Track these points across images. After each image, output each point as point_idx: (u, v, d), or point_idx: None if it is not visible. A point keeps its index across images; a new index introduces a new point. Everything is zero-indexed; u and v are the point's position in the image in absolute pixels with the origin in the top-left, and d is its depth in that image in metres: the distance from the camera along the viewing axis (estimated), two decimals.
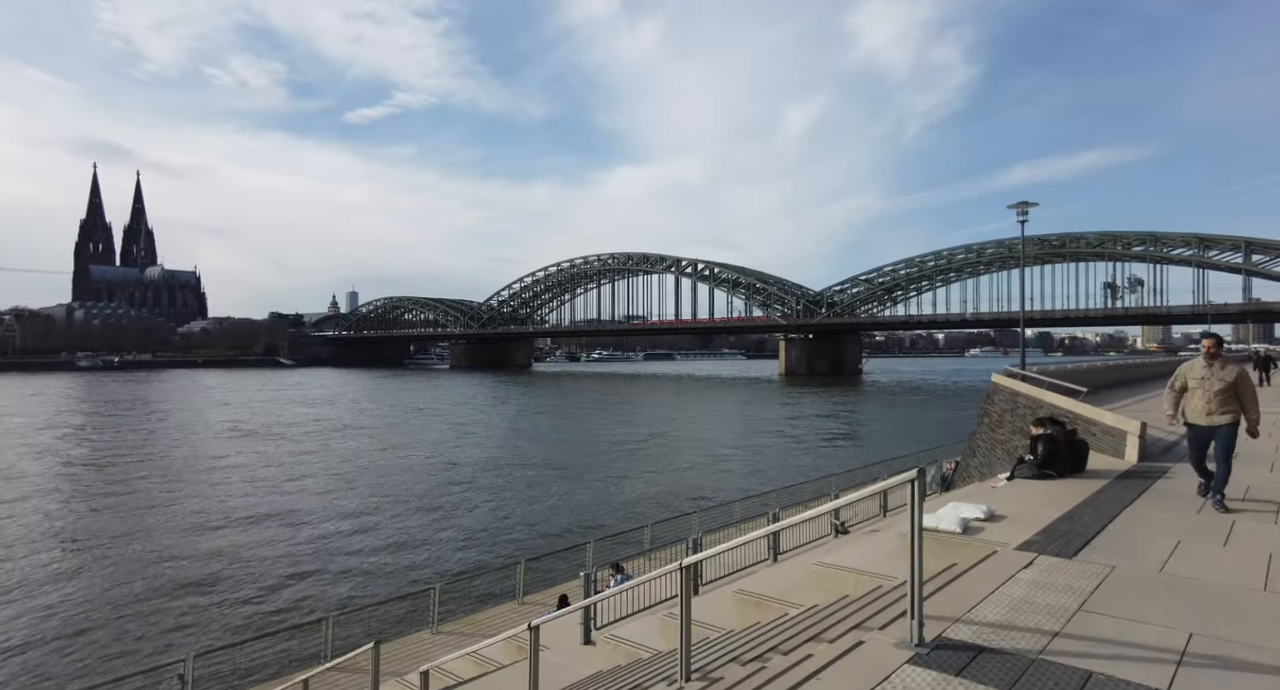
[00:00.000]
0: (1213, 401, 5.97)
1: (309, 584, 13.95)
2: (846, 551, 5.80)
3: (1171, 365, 44.95)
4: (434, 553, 16.01)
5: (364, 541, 16.79)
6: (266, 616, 12.15)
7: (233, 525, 18.50)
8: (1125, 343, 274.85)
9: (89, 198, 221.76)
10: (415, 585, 12.75)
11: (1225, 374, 6.00)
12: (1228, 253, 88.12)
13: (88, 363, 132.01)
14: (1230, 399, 5.97)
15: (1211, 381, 6.02)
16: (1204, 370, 6.06)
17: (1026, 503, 6.31)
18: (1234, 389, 5.98)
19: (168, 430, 42.42)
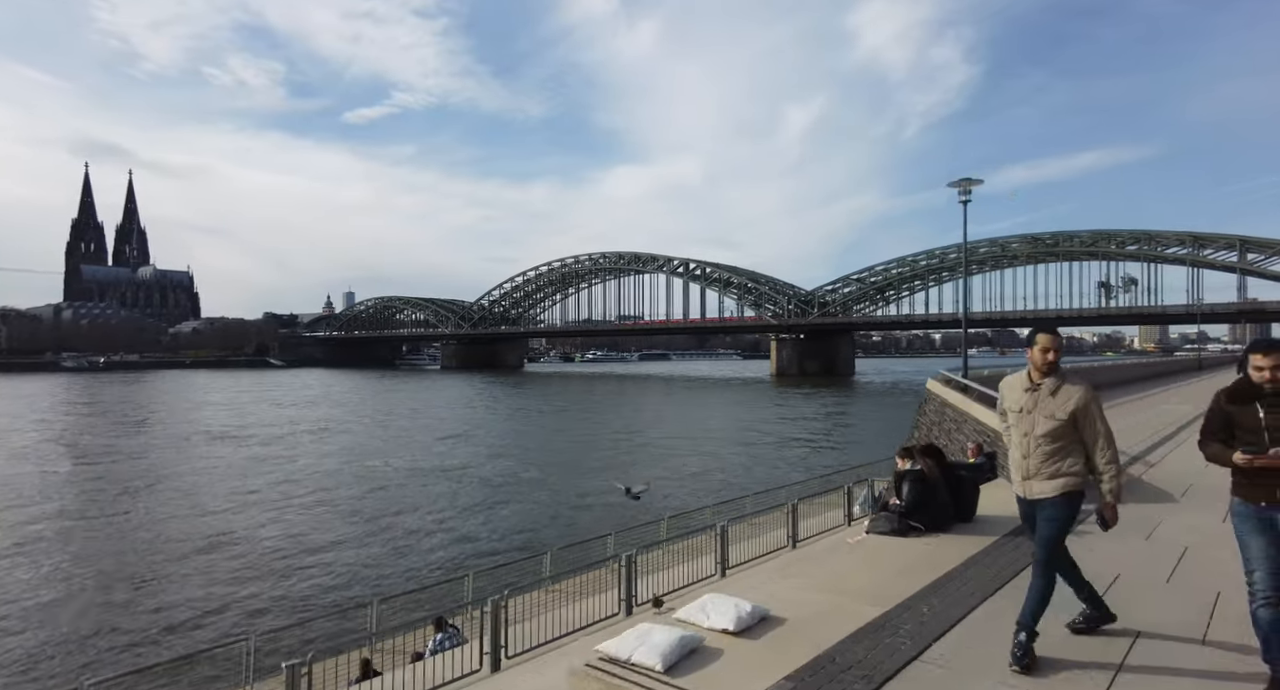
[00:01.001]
0: (1033, 455, 3.50)
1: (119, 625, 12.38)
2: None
3: (1159, 367, 43.82)
4: (317, 583, 14.56)
5: (245, 571, 15.23)
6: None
7: (126, 550, 17.19)
8: (1122, 343, 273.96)
9: (80, 197, 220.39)
10: (235, 630, 10.73)
11: (1059, 403, 3.46)
12: (1222, 251, 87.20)
13: (73, 363, 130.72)
14: (1065, 451, 3.46)
15: (1034, 417, 3.50)
16: (1025, 397, 3.56)
17: (849, 582, 4.71)
18: (1073, 431, 3.46)
19: (128, 434, 41.33)
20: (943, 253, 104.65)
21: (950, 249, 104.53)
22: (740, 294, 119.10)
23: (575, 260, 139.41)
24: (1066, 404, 3.48)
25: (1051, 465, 3.50)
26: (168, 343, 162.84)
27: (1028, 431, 3.53)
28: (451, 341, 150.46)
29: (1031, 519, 3.61)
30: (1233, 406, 3.12)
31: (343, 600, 12.11)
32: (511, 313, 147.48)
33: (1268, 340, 3.03)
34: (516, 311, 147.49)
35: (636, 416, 51.95)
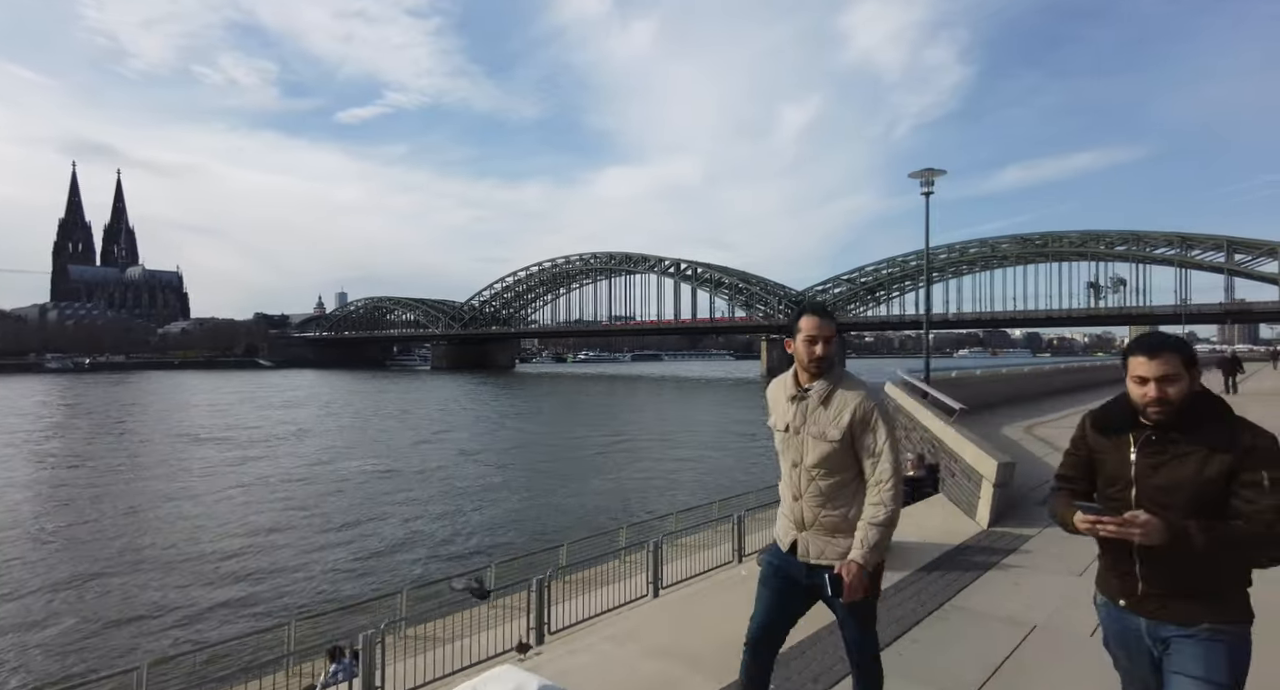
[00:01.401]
0: (805, 495, 2.46)
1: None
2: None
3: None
4: (242, 597, 13.97)
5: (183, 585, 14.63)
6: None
7: (48, 563, 16.55)
8: (1113, 343, 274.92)
9: (68, 196, 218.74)
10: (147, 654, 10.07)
11: (832, 417, 2.40)
12: (1210, 252, 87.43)
13: (57, 364, 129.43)
14: (852, 492, 2.43)
15: (803, 438, 2.45)
16: (792, 410, 2.49)
17: (701, 639, 3.89)
18: (857, 458, 2.42)
19: (94, 438, 40.70)
20: (932, 254, 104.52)
21: (940, 250, 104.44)
22: (731, 294, 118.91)
23: (566, 260, 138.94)
24: (841, 416, 2.37)
25: (832, 512, 2.41)
26: (156, 343, 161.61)
27: (797, 460, 2.46)
28: (442, 342, 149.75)
29: (809, 592, 2.48)
30: (1099, 438, 2.04)
31: (263, 617, 11.58)
32: (502, 313, 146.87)
33: (1157, 338, 1.96)
34: (507, 312, 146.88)
35: (620, 418, 51.54)
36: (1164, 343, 1.91)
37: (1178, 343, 1.92)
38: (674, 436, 39.03)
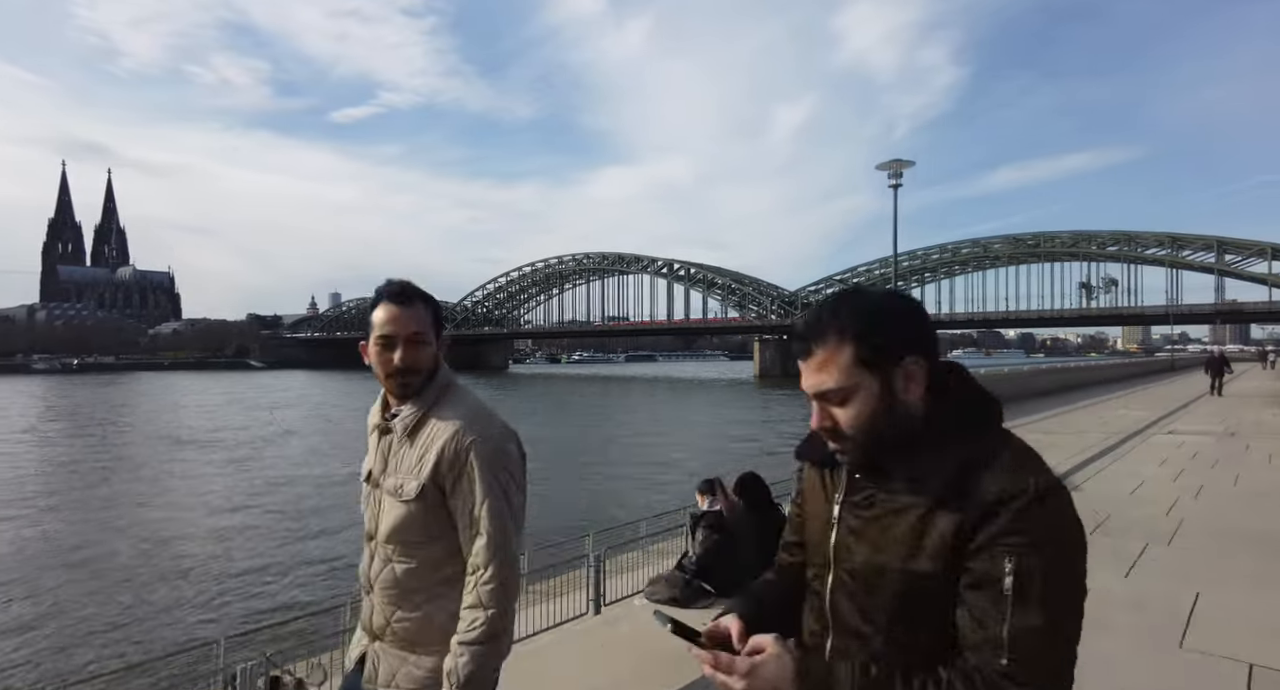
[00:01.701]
0: (376, 582, 1.62)
1: None
2: None
3: (1132, 368, 43.50)
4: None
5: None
6: None
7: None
8: (1106, 343, 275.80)
9: (57, 196, 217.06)
10: None
11: (415, 460, 1.57)
12: (1201, 252, 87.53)
13: (45, 365, 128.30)
14: (447, 580, 1.56)
15: (380, 494, 1.63)
16: (374, 446, 1.68)
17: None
18: (436, 521, 1.56)
19: (66, 438, 40.10)
20: (924, 253, 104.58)
21: (932, 250, 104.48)
22: (724, 295, 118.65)
23: (559, 260, 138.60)
24: (425, 458, 1.56)
25: (409, 614, 1.58)
26: (146, 344, 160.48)
27: (371, 531, 1.66)
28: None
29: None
30: (812, 477, 1.22)
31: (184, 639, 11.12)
32: (494, 314, 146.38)
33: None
34: (500, 313, 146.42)
35: (613, 419, 51.09)
36: (808, 334, 1.03)
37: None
38: (658, 441, 38.61)
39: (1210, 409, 16.23)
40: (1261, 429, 11.90)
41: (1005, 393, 18.26)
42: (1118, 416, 14.26)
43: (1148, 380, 32.74)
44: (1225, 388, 20.55)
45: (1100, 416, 14.56)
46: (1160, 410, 15.76)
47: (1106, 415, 14.68)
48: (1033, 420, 12.99)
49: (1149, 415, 14.50)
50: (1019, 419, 12.67)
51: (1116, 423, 12.94)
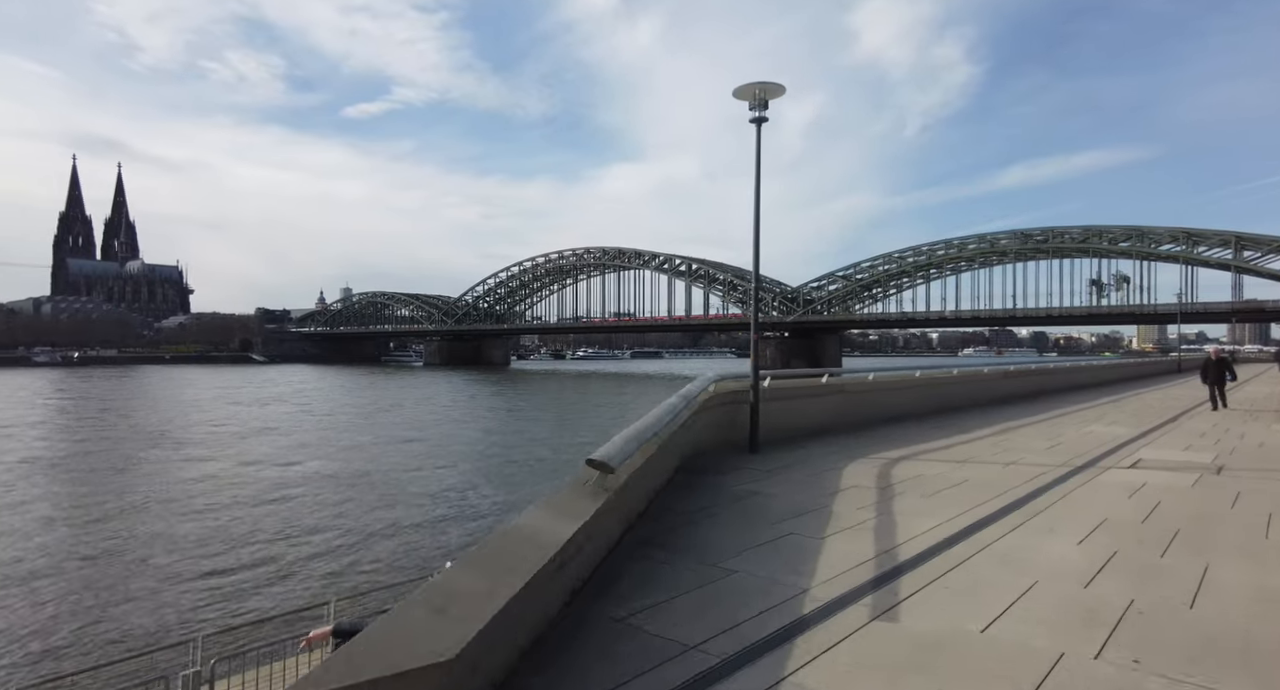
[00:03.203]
0: None
1: None
2: None
3: (1136, 368, 40.85)
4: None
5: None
6: None
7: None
8: (1121, 342, 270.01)
9: (68, 190, 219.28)
10: None
11: None
12: (1217, 249, 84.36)
13: (45, 358, 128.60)
14: None
15: None
16: None
17: None
18: None
19: (38, 433, 39.14)
20: (930, 249, 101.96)
21: (938, 245, 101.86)
22: (725, 290, 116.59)
23: (560, 256, 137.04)
24: None
25: None
26: (152, 337, 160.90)
27: None
28: (435, 338, 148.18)
29: None
30: None
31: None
32: (496, 309, 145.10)
33: None
34: (501, 308, 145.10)
35: (606, 418, 49.52)
36: None
37: None
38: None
39: (1203, 425, 13.42)
40: (1266, 459, 8.85)
41: (944, 401, 15.33)
42: (1082, 435, 11.58)
43: (1147, 383, 30.40)
44: (1230, 394, 17.26)
45: (1058, 434, 11.66)
46: (1141, 425, 13.14)
47: (1069, 432, 12.03)
48: (962, 440, 10.55)
49: (1124, 433, 11.76)
50: (938, 440, 10.32)
51: (1074, 444, 10.30)
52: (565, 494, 3.97)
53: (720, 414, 9.11)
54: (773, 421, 9.82)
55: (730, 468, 7.79)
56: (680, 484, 6.72)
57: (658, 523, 5.24)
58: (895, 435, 10.80)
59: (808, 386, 11.46)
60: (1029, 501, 6.21)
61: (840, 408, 11.74)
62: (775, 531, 5.02)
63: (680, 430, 7.11)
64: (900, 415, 13.06)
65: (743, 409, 9.10)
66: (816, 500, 6.07)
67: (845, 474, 7.43)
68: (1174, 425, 13.35)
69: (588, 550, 3.79)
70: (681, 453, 7.52)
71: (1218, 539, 4.98)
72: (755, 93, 8.43)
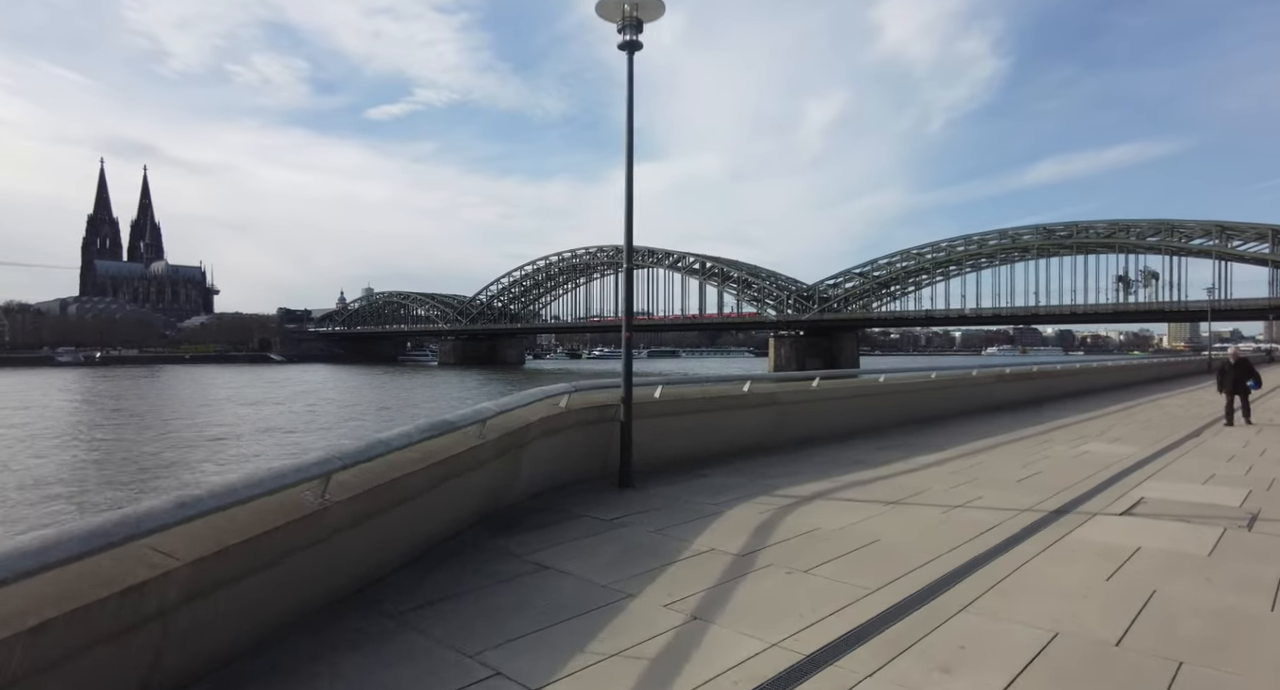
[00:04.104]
0: None
1: None
2: None
3: (1161, 369, 38.07)
4: None
5: None
6: None
7: None
8: (1151, 341, 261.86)
9: (96, 193, 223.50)
10: None
11: None
12: (1252, 243, 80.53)
13: (68, 358, 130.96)
14: None
15: None
16: None
17: None
18: None
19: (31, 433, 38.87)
20: (949, 245, 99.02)
21: (958, 241, 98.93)
22: (740, 289, 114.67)
23: (573, 254, 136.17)
24: None
25: None
26: (173, 337, 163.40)
27: None
28: (450, 337, 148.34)
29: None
30: None
31: None
32: (511, 308, 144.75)
33: None
34: (516, 307, 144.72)
35: None
36: None
37: None
38: None
39: (1233, 444, 10.99)
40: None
41: (914, 411, 12.96)
42: (1074, 457, 9.42)
43: (1171, 386, 27.94)
44: (1256, 406, 14.38)
45: (1044, 456, 9.52)
46: (1153, 442, 10.87)
47: (1058, 452, 9.87)
48: (915, 465, 8.61)
49: (1128, 454, 9.65)
50: (883, 466, 8.50)
51: (1058, 473, 8.14)
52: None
53: (582, 436, 7.26)
54: (670, 444, 8.23)
55: (567, 515, 6.09)
56: (459, 547, 5.10)
57: (326, 631, 3.59)
58: (832, 458, 9.07)
59: (724, 397, 9.60)
60: (943, 591, 4.21)
61: (775, 422, 10.05)
62: (485, 665, 3.30)
63: (494, 464, 5.52)
64: (855, 431, 11.34)
65: (616, 429, 7.35)
66: (627, 581, 4.48)
67: (715, 526, 5.80)
68: (1195, 443, 10.99)
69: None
70: (495, 495, 5.80)
71: (1252, 686, 2.98)
72: (625, 11, 6.66)
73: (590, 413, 7.33)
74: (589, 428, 7.32)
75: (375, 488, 3.98)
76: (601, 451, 7.37)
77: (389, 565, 4.45)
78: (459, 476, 5.00)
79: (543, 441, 6.46)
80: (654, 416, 8.06)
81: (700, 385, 10.26)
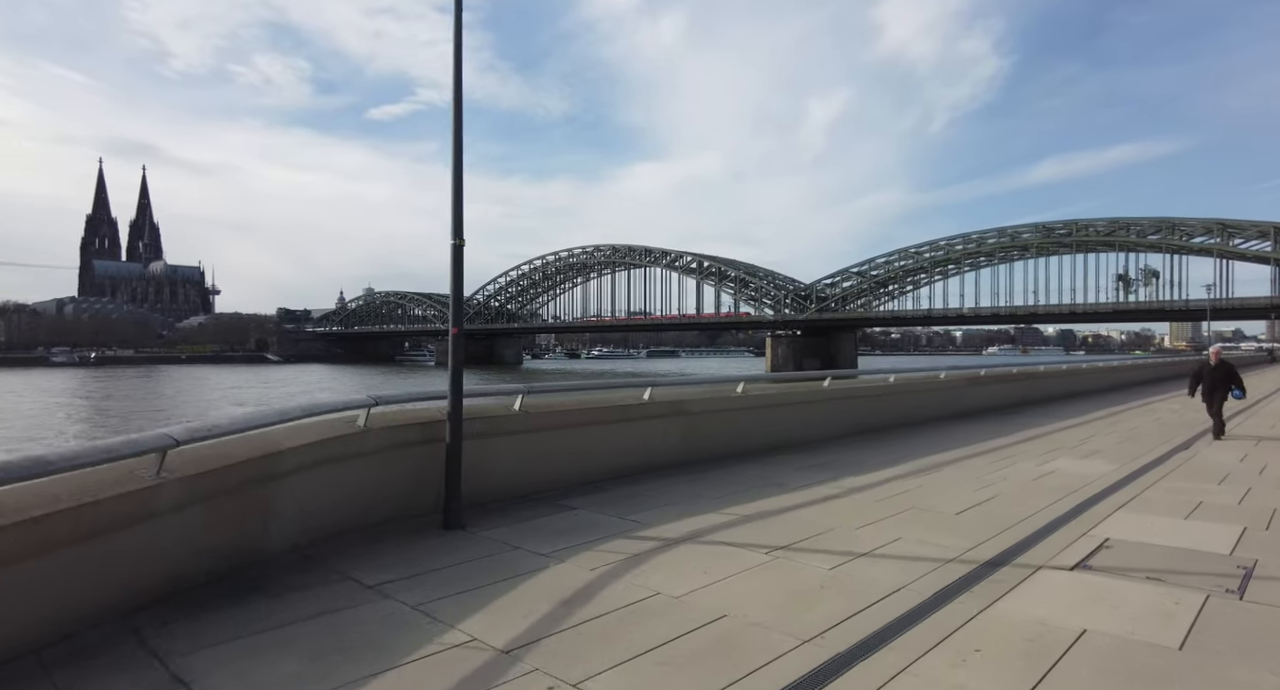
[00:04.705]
0: None
1: None
2: None
3: (1160, 370, 36.78)
4: None
5: None
6: None
7: None
8: (1152, 340, 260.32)
9: (94, 193, 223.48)
10: None
11: None
12: (1254, 240, 79.56)
13: (63, 358, 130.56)
14: None
15: None
16: None
17: None
18: None
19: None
20: (948, 244, 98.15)
21: (955, 240, 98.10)
22: (737, 288, 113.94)
23: (569, 253, 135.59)
24: None
25: None
26: (170, 337, 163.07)
27: None
28: (446, 337, 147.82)
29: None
30: None
31: None
32: (509, 307, 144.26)
33: None
34: (514, 306, 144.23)
35: None
36: None
37: None
38: None
39: (1228, 458, 9.66)
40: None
41: (866, 420, 11.56)
42: (1036, 479, 8.05)
43: (1167, 388, 26.68)
44: (1256, 411, 13.11)
45: (1001, 477, 8.15)
46: (1134, 458, 9.57)
47: (1021, 471, 8.53)
48: (843, 489, 7.34)
49: (1101, 473, 8.40)
50: (800, 489, 7.29)
51: (1011, 502, 6.82)
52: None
53: (398, 462, 5.75)
54: (538, 468, 6.90)
55: (326, 577, 4.49)
56: (82, 649, 3.40)
57: None
58: (742, 482, 7.63)
59: (612, 407, 7.97)
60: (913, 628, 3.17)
61: (682, 436, 8.62)
62: None
63: (184, 512, 4.05)
64: (788, 444, 9.97)
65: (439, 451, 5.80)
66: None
67: (513, 594, 4.24)
68: (1185, 457, 9.63)
69: None
70: (200, 554, 4.24)
71: None
72: None
73: (411, 432, 5.87)
74: (408, 451, 5.84)
75: None
76: (434, 482, 5.85)
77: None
78: (104, 536, 3.56)
79: (320, 472, 5.05)
80: (516, 433, 6.74)
81: (579, 394, 8.75)
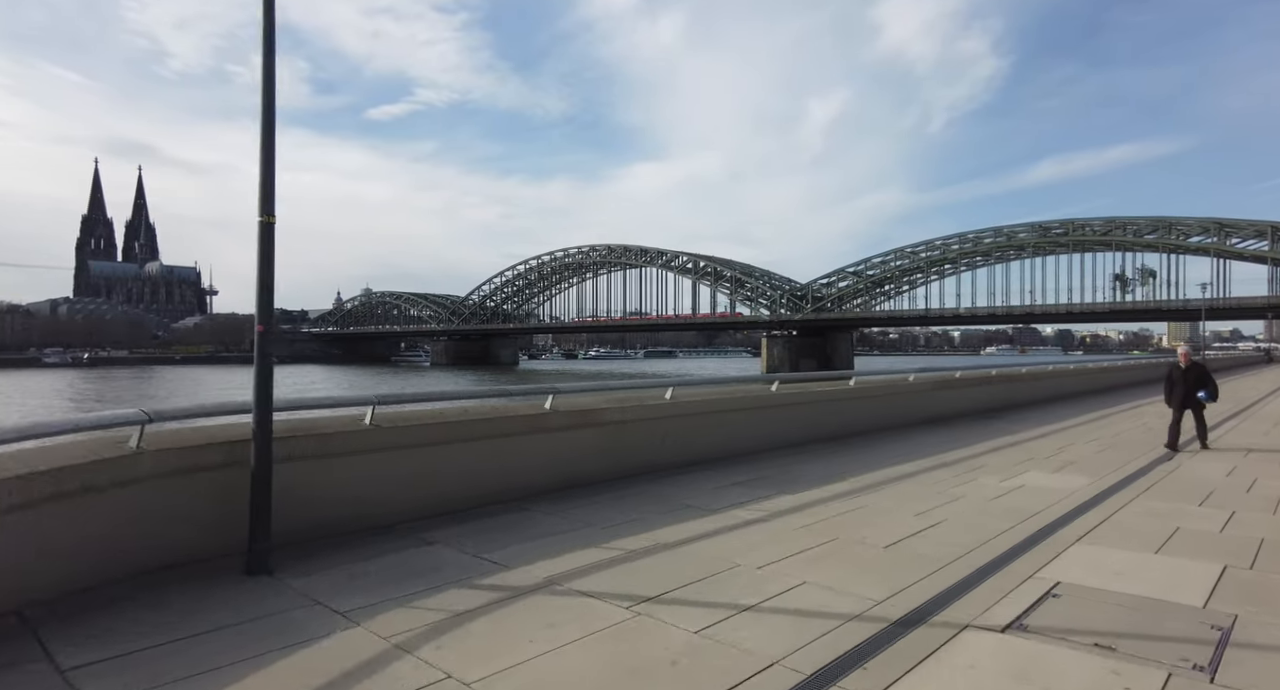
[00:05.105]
0: None
1: None
2: None
3: (1151, 371, 36.21)
4: None
5: None
6: None
7: None
8: (1150, 340, 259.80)
9: (90, 193, 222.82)
10: None
11: None
12: (1251, 240, 79.08)
13: (56, 359, 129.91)
14: None
15: None
16: None
17: None
18: None
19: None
20: (944, 243, 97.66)
21: (952, 239, 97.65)
22: (733, 288, 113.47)
23: (566, 254, 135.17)
24: None
25: None
26: (165, 338, 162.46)
27: None
28: (443, 338, 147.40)
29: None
30: None
31: None
32: (505, 307, 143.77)
33: None
34: (510, 306, 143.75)
35: None
36: None
37: None
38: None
39: (1214, 471, 8.85)
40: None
41: (818, 428, 10.54)
42: (998, 497, 7.19)
43: (1155, 392, 26.18)
44: (1248, 416, 12.17)
45: (956, 495, 7.26)
46: (1110, 470, 8.79)
47: (988, 486, 7.69)
48: (767, 512, 6.42)
49: (1070, 489, 7.55)
50: (715, 514, 6.33)
51: (959, 528, 5.93)
52: None
53: (189, 491, 4.70)
54: (392, 494, 5.79)
55: (27, 656, 3.40)
56: None
57: None
58: (649, 503, 6.70)
59: (503, 418, 6.88)
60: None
61: (597, 449, 7.68)
62: None
63: None
64: (723, 455, 9.00)
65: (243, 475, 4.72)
66: None
67: (275, 672, 3.30)
68: (1166, 469, 8.90)
69: None
70: None
71: None
72: None
73: (210, 454, 4.80)
74: (205, 478, 4.77)
75: None
76: (240, 515, 4.67)
77: None
78: None
79: (59, 509, 3.97)
80: (366, 452, 5.69)
81: (463, 402, 7.53)
